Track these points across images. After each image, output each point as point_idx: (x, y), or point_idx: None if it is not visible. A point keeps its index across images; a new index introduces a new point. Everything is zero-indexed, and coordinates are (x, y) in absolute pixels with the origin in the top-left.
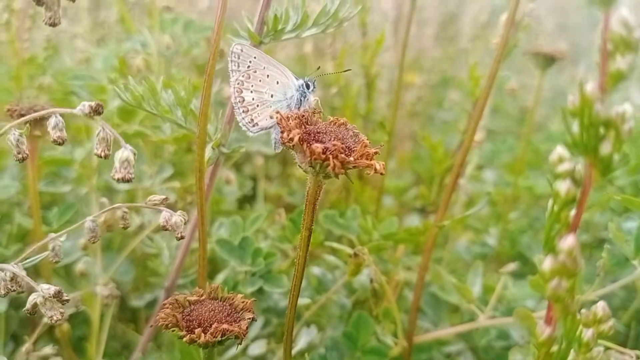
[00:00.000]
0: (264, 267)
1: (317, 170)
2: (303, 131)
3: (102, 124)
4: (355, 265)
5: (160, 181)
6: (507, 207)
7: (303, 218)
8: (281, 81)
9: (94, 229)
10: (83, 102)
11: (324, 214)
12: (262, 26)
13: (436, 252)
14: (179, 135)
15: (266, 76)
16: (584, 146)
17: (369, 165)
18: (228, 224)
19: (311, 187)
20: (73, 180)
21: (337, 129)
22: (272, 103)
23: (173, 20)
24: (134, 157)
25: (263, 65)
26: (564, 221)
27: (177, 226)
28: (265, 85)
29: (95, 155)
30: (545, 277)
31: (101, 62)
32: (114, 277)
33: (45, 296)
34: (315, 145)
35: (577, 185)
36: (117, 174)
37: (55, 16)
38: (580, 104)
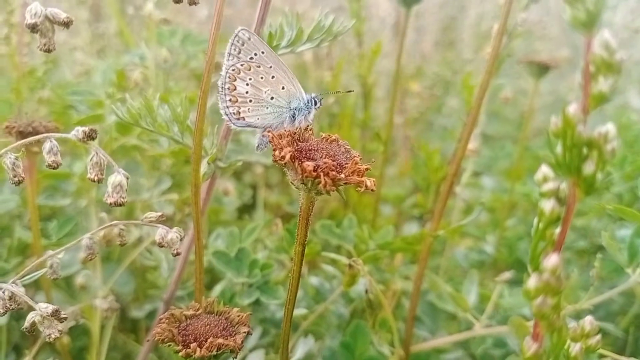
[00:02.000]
0: (261, 278)
1: (309, 187)
2: (295, 149)
3: (95, 149)
4: (351, 276)
5: (158, 193)
6: (504, 213)
7: (297, 233)
8: (287, 88)
9: (91, 246)
10: (77, 128)
11: (321, 224)
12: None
13: (434, 259)
14: (177, 149)
15: (271, 76)
16: (567, 166)
17: (359, 182)
18: (225, 235)
19: (304, 203)
20: (72, 194)
21: (328, 146)
22: (269, 105)
23: (171, 33)
24: (126, 181)
25: (270, 64)
26: (549, 239)
27: (172, 243)
28: (266, 84)
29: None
30: (530, 295)
31: (100, 76)
32: (113, 289)
33: (43, 315)
34: (307, 163)
35: (561, 204)
36: (109, 199)
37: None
38: (563, 125)
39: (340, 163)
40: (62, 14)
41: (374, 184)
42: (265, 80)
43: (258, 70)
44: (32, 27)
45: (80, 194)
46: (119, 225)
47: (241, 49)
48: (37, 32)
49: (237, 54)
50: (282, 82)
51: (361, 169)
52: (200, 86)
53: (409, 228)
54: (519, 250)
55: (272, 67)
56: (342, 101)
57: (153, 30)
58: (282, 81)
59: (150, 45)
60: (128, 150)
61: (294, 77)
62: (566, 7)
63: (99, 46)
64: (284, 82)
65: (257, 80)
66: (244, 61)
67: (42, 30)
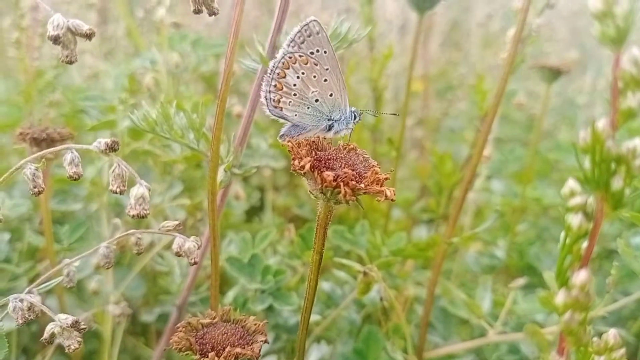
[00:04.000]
0: (274, 284)
1: (328, 197)
2: (314, 158)
3: (117, 161)
4: (365, 284)
5: (170, 198)
6: (515, 218)
7: (314, 241)
8: (335, 97)
9: (108, 254)
10: (99, 140)
11: (333, 229)
12: (274, 50)
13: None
14: (189, 155)
15: (324, 79)
16: (595, 182)
17: (379, 192)
18: (237, 240)
19: (322, 213)
20: (84, 198)
21: (347, 155)
22: (311, 106)
23: (181, 37)
24: (149, 193)
25: (328, 67)
26: (576, 254)
27: (190, 252)
28: (317, 85)
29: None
30: (559, 310)
31: (112, 81)
32: (125, 293)
33: (63, 326)
34: (326, 173)
35: (588, 219)
36: (132, 211)
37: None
38: (592, 140)
39: (360, 172)
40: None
41: (393, 193)
42: (317, 80)
43: (314, 67)
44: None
45: (92, 199)
46: (135, 234)
47: (306, 40)
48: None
49: (300, 43)
50: (332, 88)
51: (381, 178)
52: (218, 94)
53: (418, 232)
54: (530, 255)
55: (328, 70)
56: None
57: (164, 34)
58: (332, 88)
59: (162, 50)
60: (139, 155)
61: (345, 88)
62: (595, 22)
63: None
64: (333, 90)
65: (309, 78)
66: (304, 53)
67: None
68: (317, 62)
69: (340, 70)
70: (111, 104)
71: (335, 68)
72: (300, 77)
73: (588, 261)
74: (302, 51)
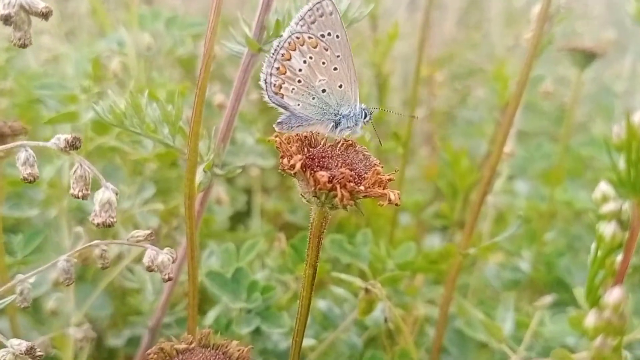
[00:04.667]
0: (262, 303)
1: (322, 201)
2: (306, 155)
3: (79, 161)
4: (367, 302)
5: (140, 202)
6: (542, 224)
7: (307, 253)
8: (345, 89)
9: (68, 269)
10: (58, 136)
11: (331, 239)
12: (262, 31)
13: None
14: (163, 152)
15: (334, 67)
16: (631, 184)
17: (382, 195)
18: (220, 252)
19: (316, 220)
20: (40, 203)
21: (344, 152)
22: (317, 97)
23: (154, 15)
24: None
25: (339, 54)
26: (610, 269)
27: (164, 266)
28: (325, 73)
29: (72, 196)
30: (589, 334)
31: (72, 67)
32: (88, 313)
33: (16, 353)
34: (320, 173)
35: (623, 228)
36: (97, 219)
37: (26, 36)
38: (627, 136)
39: (359, 172)
40: (40, 3)
41: (398, 197)
42: (326, 67)
43: (324, 53)
44: (5, 18)
45: (50, 203)
46: (100, 245)
47: (317, 20)
48: (11, 24)
49: (310, 23)
50: (342, 79)
51: (383, 180)
52: (197, 82)
53: (430, 241)
54: (559, 268)
55: (339, 58)
56: None
57: (134, 11)
58: (342, 78)
59: (131, 30)
60: (105, 152)
61: (356, 81)
62: None
63: (68, 28)
64: (343, 81)
65: (318, 64)
66: (313, 35)
67: (17, 22)
68: (328, 47)
69: (352, 60)
70: (72, 93)
71: (348, 57)
72: (308, 61)
73: (623, 277)
74: (312, 32)
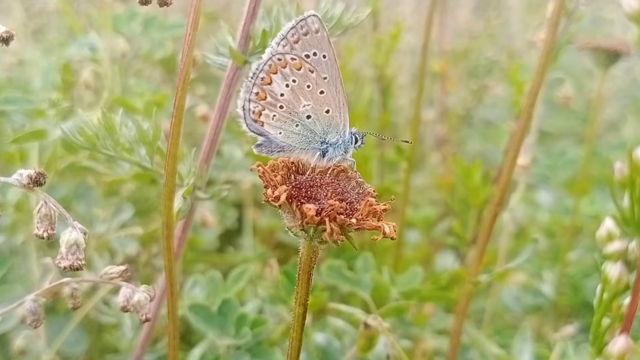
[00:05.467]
0: (252, 338)
1: (310, 235)
2: (292, 185)
3: (44, 198)
4: (367, 338)
5: (117, 226)
6: (566, 240)
7: (296, 290)
8: (333, 115)
9: (35, 310)
10: (20, 171)
11: (329, 265)
12: (247, 41)
13: (476, 301)
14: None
15: (320, 91)
16: (635, 223)
17: (376, 228)
18: (204, 282)
19: (304, 254)
20: (6, 228)
21: (334, 180)
22: (301, 124)
23: (129, 16)
24: (84, 238)
25: (325, 76)
26: (615, 314)
27: (141, 306)
28: (310, 98)
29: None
30: None
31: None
32: (61, 351)
33: None
34: (307, 206)
35: (630, 269)
36: (63, 262)
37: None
38: (630, 172)
39: (351, 202)
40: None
41: (394, 230)
42: (311, 91)
43: (309, 75)
44: None
45: (16, 229)
46: (70, 283)
47: (301, 39)
48: None
49: (293, 42)
50: (329, 103)
51: (377, 210)
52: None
53: (442, 261)
54: (586, 291)
55: (326, 80)
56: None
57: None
58: (330, 102)
59: (104, 33)
60: (77, 170)
61: (345, 104)
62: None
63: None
64: (331, 105)
65: (302, 87)
66: (297, 55)
67: None
68: (314, 69)
69: (341, 82)
70: (39, 108)
71: (336, 78)
72: (291, 85)
73: (631, 323)
74: (296, 53)
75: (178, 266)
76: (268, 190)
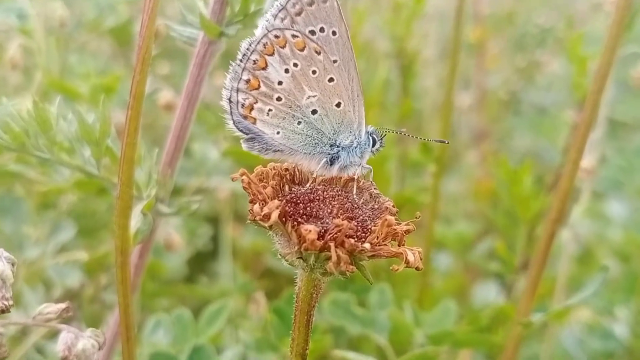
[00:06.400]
0: None
1: (311, 265)
2: (286, 199)
3: None
4: None
5: (54, 249)
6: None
7: (292, 335)
8: (345, 109)
9: None
10: None
11: (332, 300)
12: (224, 6)
13: (527, 347)
14: (85, 180)
15: (328, 78)
16: None
17: (396, 255)
18: (169, 322)
19: (303, 290)
20: None
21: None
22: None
23: None
24: (12, 269)
25: (335, 58)
26: None
27: (86, 356)
28: (316, 86)
29: None
30: None
31: None
32: None
33: None
34: (306, 227)
35: None
36: None
37: None
38: None
39: (364, 221)
40: None
41: (419, 257)
42: (317, 78)
43: (314, 57)
44: None
45: None
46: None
47: (304, 11)
48: None
49: (295, 15)
50: (341, 94)
51: (398, 232)
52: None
53: (482, 293)
54: None
55: (337, 64)
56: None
57: None
58: (341, 93)
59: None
60: (2, 177)
61: (360, 95)
62: None
63: None
64: (343, 97)
65: (305, 73)
66: (299, 32)
67: None
68: (320, 49)
69: (355, 66)
70: None
71: (349, 61)
72: (291, 70)
73: None
74: (298, 28)
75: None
76: (255, 206)
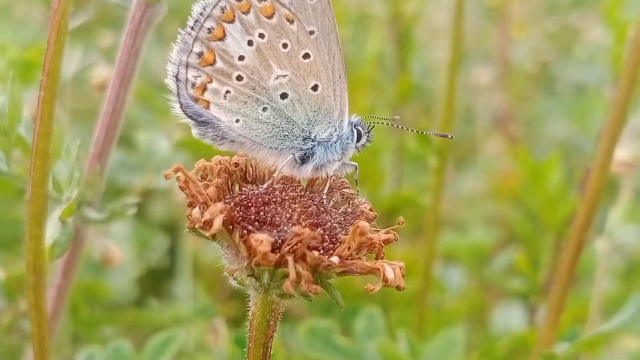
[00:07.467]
0: None
1: (265, 284)
2: (234, 202)
3: None
4: None
5: None
6: None
7: None
8: (323, 93)
9: None
10: None
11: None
12: None
13: None
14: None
15: (303, 54)
16: None
17: (371, 271)
18: (104, 357)
19: (257, 316)
20: None
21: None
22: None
23: None
24: None
25: (312, 29)
26: None
27: None
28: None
29: None
30: None
31: None
32: None
33: None
34: (257, 237)
35: None
36: None
37: None
38: None
39: (332, 229)
40: None
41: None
42: (289, 54)
43: (285, 27)
44: None
45: None
46: None
47: None
48: None
49: None
50: (318, 75)
51: (375, 242)
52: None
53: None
54: None
55: (314, 36)
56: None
57: None
58: (319, 74)
59: None
60: None
61: (343, 77)
62: None
63: None
64: (321, 78)
65: (274, 47)
66: None
67: None
68: (294, 17)
69: (337, 39)
70: None
71: (329, 33)
72: (256, 42)
73: None
74: None
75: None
76: (194, 210)
